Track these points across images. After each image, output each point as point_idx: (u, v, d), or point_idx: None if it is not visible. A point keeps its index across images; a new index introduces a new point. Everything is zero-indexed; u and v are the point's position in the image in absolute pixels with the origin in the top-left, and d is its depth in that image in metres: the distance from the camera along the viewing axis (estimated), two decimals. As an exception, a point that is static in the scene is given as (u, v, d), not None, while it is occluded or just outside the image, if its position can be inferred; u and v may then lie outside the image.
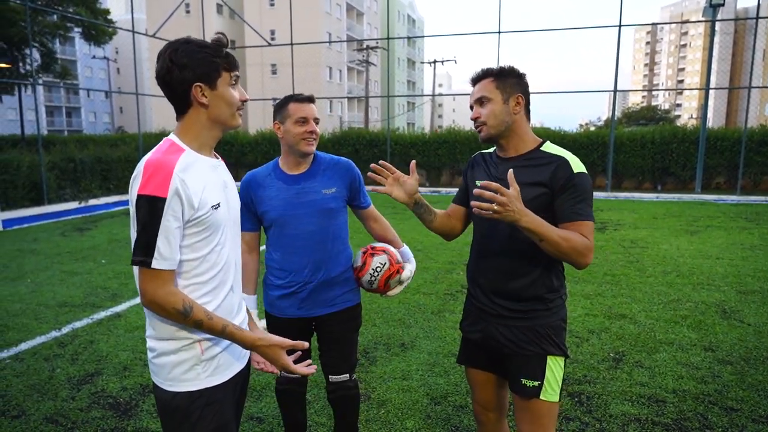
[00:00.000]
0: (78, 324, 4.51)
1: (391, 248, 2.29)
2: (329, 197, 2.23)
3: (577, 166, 1.78)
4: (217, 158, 1.57)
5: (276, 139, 18.39)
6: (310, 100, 2.23)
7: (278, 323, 2.30)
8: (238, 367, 1.62)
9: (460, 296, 5.20)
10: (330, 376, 2.37)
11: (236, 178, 19.60)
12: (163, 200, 1.34)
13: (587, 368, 3.57)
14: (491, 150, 2.02)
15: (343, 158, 2.36)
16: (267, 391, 3.28)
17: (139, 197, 1.35)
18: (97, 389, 3.32)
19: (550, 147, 1.86)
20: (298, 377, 2.28)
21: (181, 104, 1.47)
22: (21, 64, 19.59)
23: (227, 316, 1.53)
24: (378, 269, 2.20)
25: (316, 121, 2.20)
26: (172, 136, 1.50)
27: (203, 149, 1.50)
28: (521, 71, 1.89)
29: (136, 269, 1.40)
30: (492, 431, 2.14)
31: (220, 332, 1.43)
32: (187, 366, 1.48)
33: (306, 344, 1.53)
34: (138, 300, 5.12)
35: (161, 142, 1.48)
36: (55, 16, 20.63)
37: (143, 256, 1.36)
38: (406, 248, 2.39)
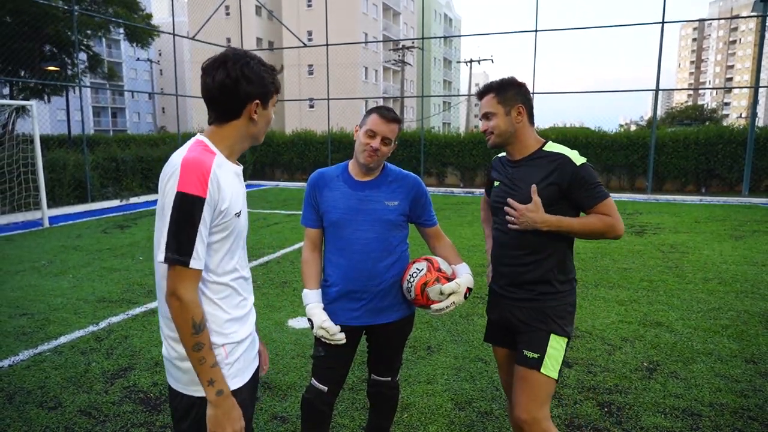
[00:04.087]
0: (114, 319, 4.65)
1: (438, 259, 2.23)
2: (390, 209, 2.22)
3: (578, 159, 2.02)
4: (239, 165, 1.59)
5: (310, 139, 18.64)
6: (393, 120, 2.20)
7: None
8: (255, 365, 1.66)
9: (489, 300, 5.13)
10: (373, 375, 2.44)
11: (272, 178, 19.32)
12: (202, 200, 1.36)
13: (619, 377, 3.46)
14: (504, 153, 2.27)
15: (412, 174, 2.35)
16: (292, 391, 3.31)
17: (179, 194, 1.34)
18: (129, 384, 3.42)
19: (551, 146, 2.11)
20: (327, 389, 2.26)
21: (229, 114, 1.48)
22: (69, 67, 20.33)
23: (238, 324, 1.55)
24: (414, 274, 2.15)
25: (387, 141, 2.18)
26: (204, 139, 1.49)
27: (231, 157, 1.53)
28: (520, 81, 2.13)
29: (162, 265, 1.40)
30: None
31: (211, 366, 1.42)
32: None
33: None
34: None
35: (193, 142, 1.48)
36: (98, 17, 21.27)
37: (181, 255, 1.34)
38: (463, 265, 2.27)
